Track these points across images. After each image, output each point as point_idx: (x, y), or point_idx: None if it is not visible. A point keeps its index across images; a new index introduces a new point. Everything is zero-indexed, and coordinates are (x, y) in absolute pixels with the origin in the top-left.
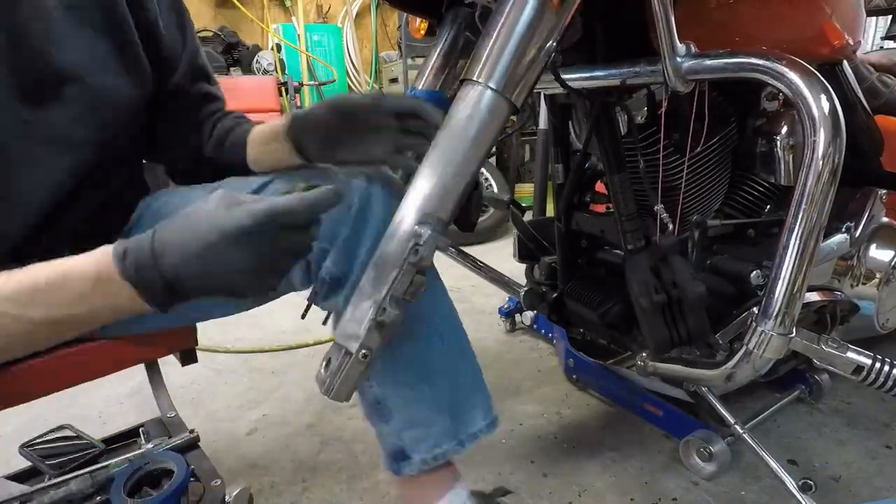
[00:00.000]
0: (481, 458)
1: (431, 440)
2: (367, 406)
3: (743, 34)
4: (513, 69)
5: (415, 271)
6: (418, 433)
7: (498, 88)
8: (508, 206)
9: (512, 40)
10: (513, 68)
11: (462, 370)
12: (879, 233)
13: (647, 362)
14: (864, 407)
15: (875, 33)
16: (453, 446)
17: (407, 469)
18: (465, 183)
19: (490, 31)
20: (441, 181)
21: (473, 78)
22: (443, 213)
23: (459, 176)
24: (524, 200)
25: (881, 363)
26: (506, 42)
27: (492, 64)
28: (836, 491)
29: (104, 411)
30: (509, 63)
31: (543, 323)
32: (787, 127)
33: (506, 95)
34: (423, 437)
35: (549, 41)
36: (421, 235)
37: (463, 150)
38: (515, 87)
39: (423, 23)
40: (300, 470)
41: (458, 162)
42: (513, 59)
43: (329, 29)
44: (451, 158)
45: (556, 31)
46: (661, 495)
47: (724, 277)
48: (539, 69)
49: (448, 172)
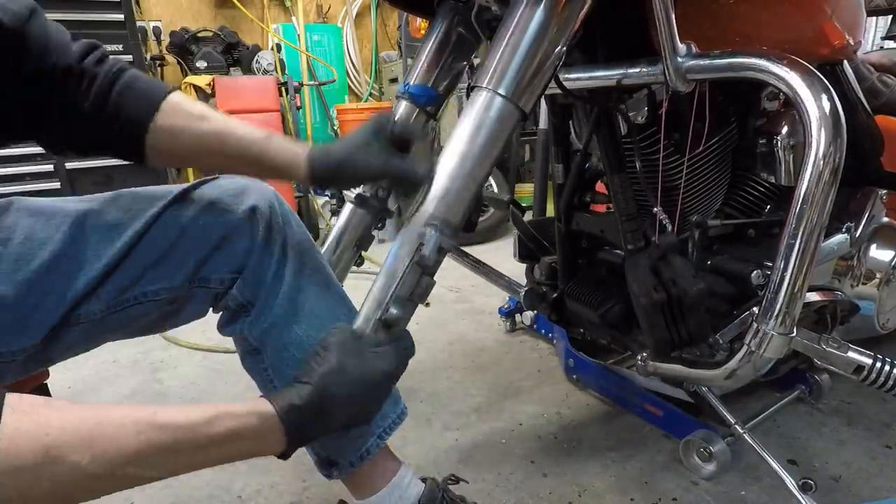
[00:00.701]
0: (481, 458)
1: (352, 444)
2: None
3: (743, 34)
4: (522, 76)
5: (421, 272)
6: (339, 441)
7: (507, 95)
8: (508, 206)
9: (521, 48)
10: (522, 75)
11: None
12: (879, 233)
13: (647, 362)
14: (864, 407)
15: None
16: (374, 441)
17: (337, 473)
18: (475, 187)
19: (499, 39)
20: (451, 186)
21: (483, 85)
22: (452, 216)
23: (469, 181)
24: (524, 200)
25: (881, 363)
26: (515, 49)
27: (501, 71)
28: (836, 491)
29: None
30: (518, 70)
31: (543, 323)
32: (788, 127)
33: (515, 102)
34: (345, 444)
35: (557, 48)
36: (426, 238)
37: (473, 156)
38: (524, 94)
39: (423, 22)
40: (300, 470)
41: (468, 167)
42: (522, 67)
43: (329, 29)
44: (462, 163)
45: (564, 38)
46: (661, 495)
47: (725, 277)
48: (548, 76)
49: (458, 177)
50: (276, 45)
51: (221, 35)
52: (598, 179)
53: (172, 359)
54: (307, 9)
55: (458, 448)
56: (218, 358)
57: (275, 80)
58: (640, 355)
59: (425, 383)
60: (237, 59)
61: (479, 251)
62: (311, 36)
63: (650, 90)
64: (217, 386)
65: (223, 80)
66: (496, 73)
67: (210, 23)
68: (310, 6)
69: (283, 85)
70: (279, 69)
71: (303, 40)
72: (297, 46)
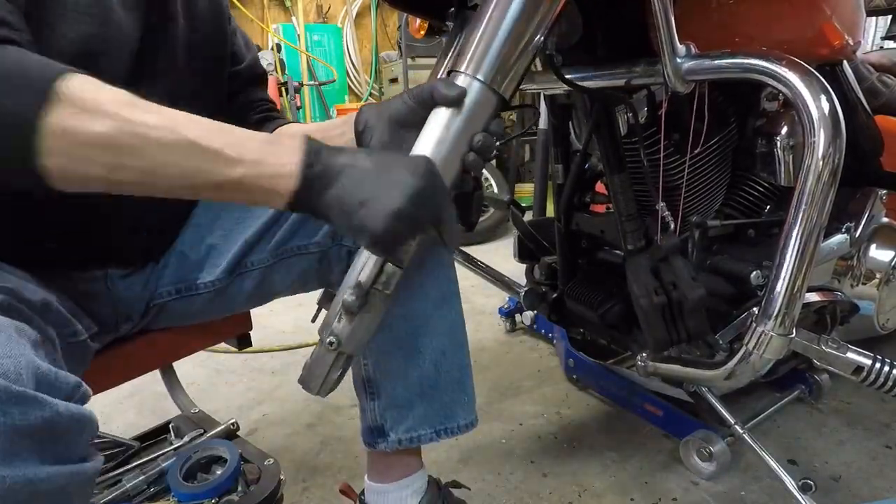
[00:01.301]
0: (481, 458)
1: (410, 422)
2: (357, 383)
3: (743, 34)
4: (500, 61)
5: (383, 260)
6: (400, 414)
7: (485, 80)
8: (508, 206)
9: (500, 32)
10: (500, 60)
11: (452, 364)
12: (879, 233)
13: (647, 362)
14: (864, 407)
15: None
16: (429, 433)
17: (382, 445)
18: (450, 175)
19: (477, 23)
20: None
21: (461, 70)
22: None
23: (444, 168)
24: (524, 200)
25: (881, 363)
26: (493, 34)
27: (479, 56)
28: (836, 491)
29: (103, 411)
30: (496, 55)
31: (543, 323)
32: (787, 127)
33: (493, 87)
34: (403, 419)
35: (537, 33)
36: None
37: (448, 142)
38: (503, 79)
39: (423, 23)
40: (300, 470)
41: (443, 154)
42: (500, 51)
43: (329, 29)
44: (437, 150)
45: (544, 23)
46: (661, 495)
47: (725, 278)
48: (527, 61)
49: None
50: (276, 45)
51: None
52: (598, 179)
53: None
54: (307, 9)
55: (458, 448)
56: (218, 358)
57: (275, 80)
58: (640, 355)
59: None
60: None
61: (479, 251)
62: (311, 36)
63: (650, 91)
64: (217, 386)
65: None
66: (474, 57)
67: None
68: (310, 6)
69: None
70: (279, 69)
71: (303, 40)
72: (297, 46)
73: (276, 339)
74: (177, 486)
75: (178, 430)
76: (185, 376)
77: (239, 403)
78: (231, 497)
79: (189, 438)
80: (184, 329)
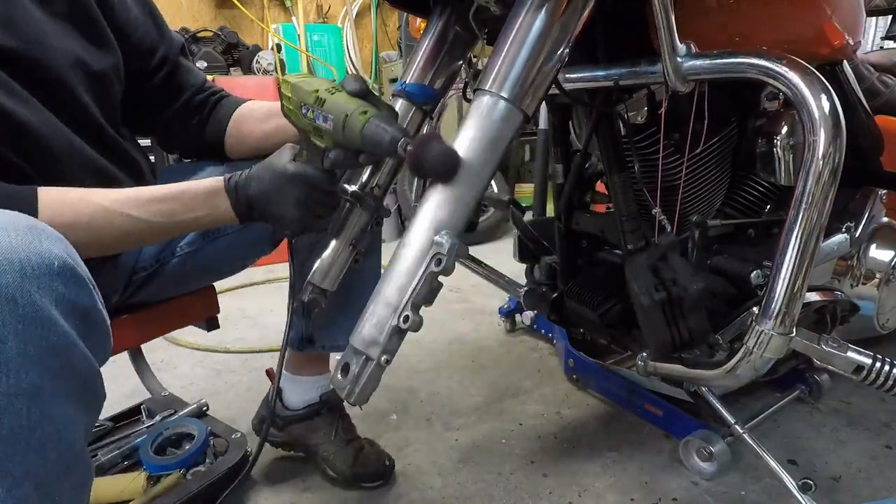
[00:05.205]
0: (481, 458)
1: (333, 334)
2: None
3: (743, 34)
4: (524, 79)
5: (436, 279)
6: (331, 331)
7: (510, 98)
8: (508, 206)
9: (523, 51)
10: (524, 78)
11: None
12: (879, 233)
13: (647, 362)
14: (864, 407)
15: (875, 33)
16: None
17: (309, 349)
18: (478, 192)
19: (502, 42)
20: (455, 191)
21: (486, 88)
22: (457, 221)
23: (473, 185)
24: (524, 200)
25: (881, 363)
26: (517, 52)
27: (504, 74)
28: (836, 491)
29: None
30: (521, 73)
31: (543, 323)
32: (787, 127)
33: (518, 105)
34: (331, 333)
35: (559, 50)
36: (443, 245)
37: (476, 160)
38: (527, 97)
39: (423, 22)
40: (300, 470)
41: (471, 172)
42: (524, 69)
43: (329, 29)
44: (465, 168)
45: (566, 41)
46: (661, 495)
47: (725, 277)
48: (551, 78)
49: (461, 182)
50: (276, 45)
51: (221, 35)
52: (598, 179)
53: (172, 359)
54: (307, 9)
55: (458, 448)
56: (218, 358)
57: (275, 81)
58: (640, 355)
59: (425, 383)
60: (237, 59)
61: (479, 251)
62: (311, 36)
63: (650, 90)
64: (217, 386)
65: (223, 80)
66: (499, 76)
67: (210, 23)
68: (310, 6)
69: None
70: (279, 69)
71: (303, 40)
72: (297, 46)
73: (276, 339)
74: (148, 459)
75: (149, 412)
76: (185, 376)
77: (239, 403)
78: (199, 468)
79: (160, 418)
80: (150, 313)
